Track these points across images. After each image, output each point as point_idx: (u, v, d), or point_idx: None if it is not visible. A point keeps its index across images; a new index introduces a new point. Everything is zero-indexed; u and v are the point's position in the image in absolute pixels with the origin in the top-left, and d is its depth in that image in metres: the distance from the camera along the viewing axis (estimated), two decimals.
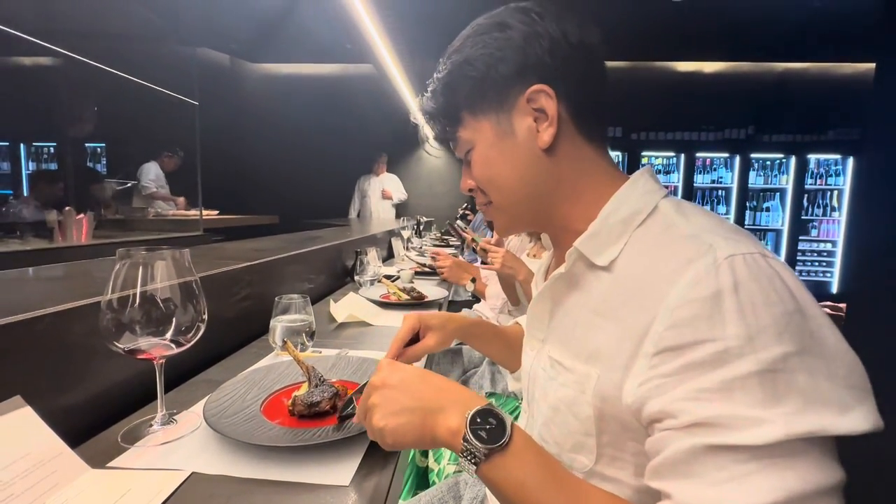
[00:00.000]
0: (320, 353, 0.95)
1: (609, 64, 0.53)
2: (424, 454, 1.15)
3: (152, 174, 3.88)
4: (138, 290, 0.57)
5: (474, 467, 0.41)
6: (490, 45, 0.50)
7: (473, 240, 1.75)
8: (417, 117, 0.60)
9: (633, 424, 0.42)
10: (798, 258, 4.98)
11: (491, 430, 0.41)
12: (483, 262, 1.82)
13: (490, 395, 1.35)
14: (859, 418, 0.34)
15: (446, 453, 1.09)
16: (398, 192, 5.42)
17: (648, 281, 0.42)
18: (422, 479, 1.12)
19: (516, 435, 0.41)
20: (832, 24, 3.71)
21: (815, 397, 0.34)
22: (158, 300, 0.58)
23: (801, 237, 4.97)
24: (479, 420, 0.41)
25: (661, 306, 0.39)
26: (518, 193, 0.53)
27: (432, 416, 0.44)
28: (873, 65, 1.94)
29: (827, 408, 0.34)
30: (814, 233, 5.01)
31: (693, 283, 0.38)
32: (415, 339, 0.74)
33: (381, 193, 5.33)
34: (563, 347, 0.51)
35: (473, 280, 1.85)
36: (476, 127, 0.53)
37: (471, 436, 0.40)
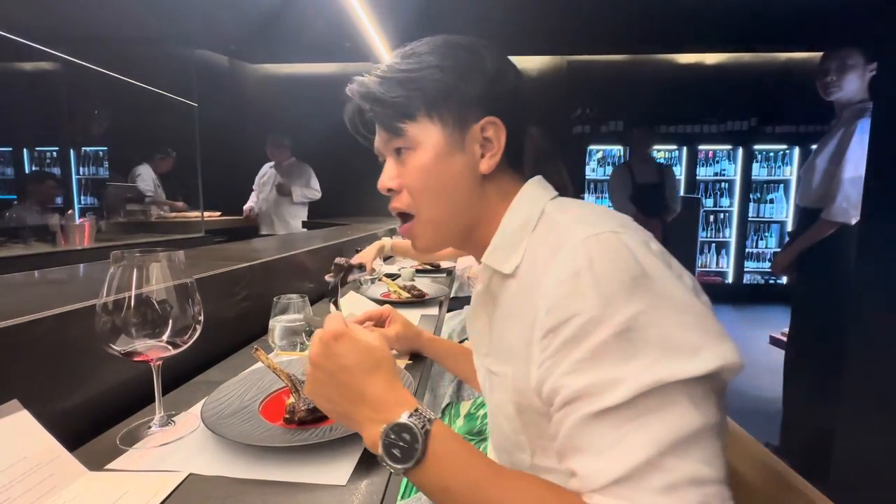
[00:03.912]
0: None
1: (609, 57, 0.55)
2: None
3: (148, 179, 3.79)
4: (133, 292, 0.57)
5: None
6: (465, 63, 0.53)
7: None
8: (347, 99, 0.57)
9: (545, 410, 0.44)
10: None
11: (404, 448, 0.41)
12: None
13: None
14: (708, 359, 0.37)
15: None
16: (303, 187, 3.88)
17: (535, 275, 0.46)
18: None
19: (433, 445, 0.41)
20: (835, 12, 3.67)
21: (667, 347, 0.37)
22: (154, 302, 0.58)
23: None
24: (392, 436, 0.42)
25: (541, 294, 0.43)
26: (449, 210, 0.55)
27: (350, 423, 0.46)
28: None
29: (679, 355, 0.37)
30: None
31: (560, 267, 0.42)
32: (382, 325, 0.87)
33: (277, 188, 3.81)
34: (494, 357, 0.55)
35: None
36: (428, 129, 0.53)
37: (384, 455, 0.42)
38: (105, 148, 4.46)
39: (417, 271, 1.97)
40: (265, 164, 3.97)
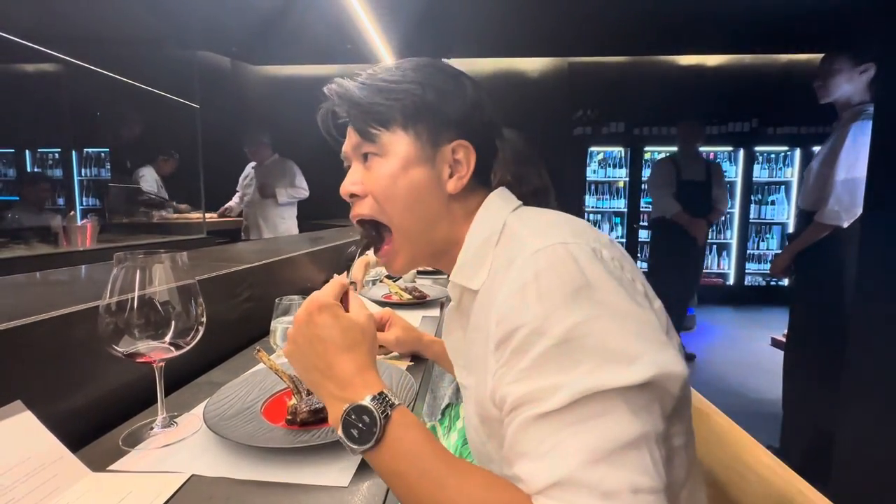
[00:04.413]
0: None
1: (610, 59, 0.54)
2: None
3: (151, 181, 3.76)
4: (136, 293, 0.57)
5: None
6: (446, 86, 0.55)
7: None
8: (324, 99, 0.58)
9: (502, 420, 0.44)
10: None
11: (362, 430, 0.43)
12: None
13: None
14: (643, 368, 0.38)
15: None
16: (288, 187, 3.57)
17: (493, 289, 0.47)
18: None
19: (392, 430, 0.43)
20: (835, 14, 3.67)
21: (606, 356, 0.38)
22: (157, 303, 0.59)
23: None
24: (352, 417, 0.44)
25: (495, 307, 0.44)
26: (421, 224, 0.55)
27: (318, 394, 0.48)
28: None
29: (615, 363, 0.38)
30: None
31: (512, 280, 0.43)
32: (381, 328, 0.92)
33: (259, 190, 3.55)
34: (465, 370, 0.56)
35: None
36: (400, 139, 0.53)
37: (343, 436, 0.44)
38: (107, 149, 4.47)
39: (419, 272, 1.97)
40: (248, 164, 3.74)
